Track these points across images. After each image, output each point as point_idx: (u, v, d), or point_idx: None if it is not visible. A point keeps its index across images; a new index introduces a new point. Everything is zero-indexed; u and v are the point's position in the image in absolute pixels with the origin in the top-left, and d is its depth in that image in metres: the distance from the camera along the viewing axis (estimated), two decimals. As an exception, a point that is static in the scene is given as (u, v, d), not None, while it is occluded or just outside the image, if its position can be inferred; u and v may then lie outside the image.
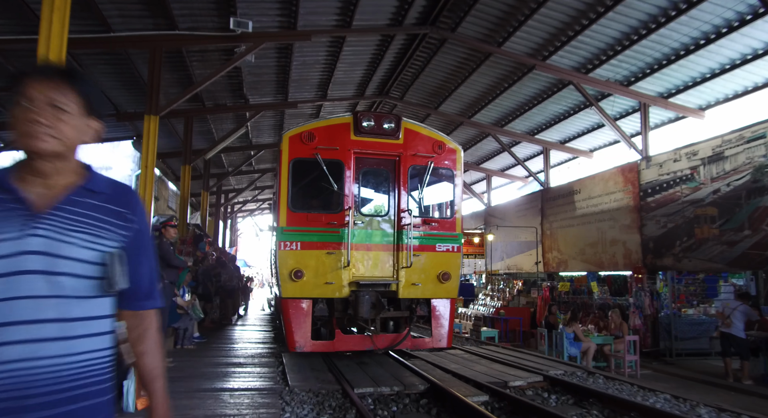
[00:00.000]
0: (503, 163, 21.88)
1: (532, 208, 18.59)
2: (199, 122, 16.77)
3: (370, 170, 8.09)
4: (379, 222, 8.00)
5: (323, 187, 7.73)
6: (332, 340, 7.75)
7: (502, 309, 16.39)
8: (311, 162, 7.59)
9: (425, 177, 7.99)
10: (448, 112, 17.40)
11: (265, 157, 23.25)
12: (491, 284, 17.67)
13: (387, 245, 7.91)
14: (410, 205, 7.98)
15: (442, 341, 8.17)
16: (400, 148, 7.89)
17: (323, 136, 7.65)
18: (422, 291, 7.85)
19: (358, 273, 7.67)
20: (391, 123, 7.86)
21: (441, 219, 8.42)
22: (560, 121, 16.49)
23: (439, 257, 7.97)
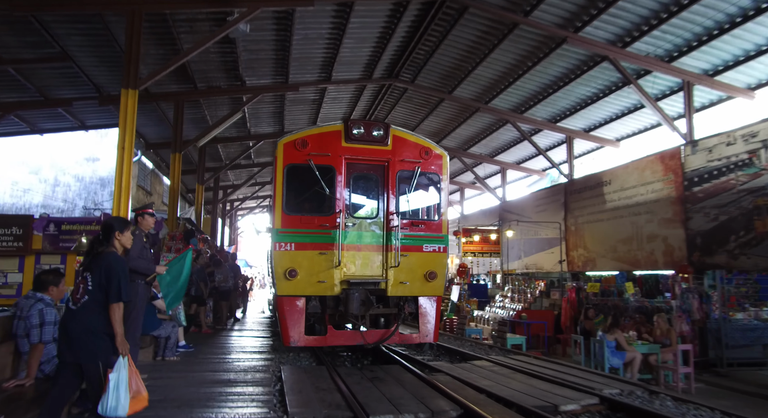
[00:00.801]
0: (519, 155, 20.42)
1: (554, 202, 17.13)
2: (191, 109, 15.37)
3: (360, 175, 8.53)
4: (369, 224, 8.41)
5: (316, 191, 8.15)
6: (325, 335, 8.15)
7: (524, 312, 14.93)
8: (304, 168, 8.06)
9: (412, 181, 8.44)
10: (463, 97, 15.95)
11: (264, 149, 21.82)
12: (510, 284, 16.22)
13: (376, 246, 8.32)
14: (398, 208, 8.39)
15: (429, 336, 8.56)
16: (389, 154, 8.31)
17: (316, 143, 8.12)
18: (410, 289, 8.27)
19: (349, 272, 8.10)
20: (380, 130, 8.29)
21: (428, 221, 8.76)
22: (586, 107, 15.03)
23: (426, 257, 8.38)
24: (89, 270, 3.94)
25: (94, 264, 3.93)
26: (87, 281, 3.87)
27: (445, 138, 19.93)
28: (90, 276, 3.88)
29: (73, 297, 3.90)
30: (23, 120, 14.47)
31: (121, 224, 4.23)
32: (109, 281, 3.82)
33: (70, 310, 3.90)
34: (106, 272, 3.84)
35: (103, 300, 3.81)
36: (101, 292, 3.82)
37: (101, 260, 3.93)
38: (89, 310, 3.80)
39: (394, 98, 17.37)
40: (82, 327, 3.78)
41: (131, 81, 8.92)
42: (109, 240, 4.04)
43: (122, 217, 4.96)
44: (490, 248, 19.06)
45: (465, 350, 10.72)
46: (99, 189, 17.59)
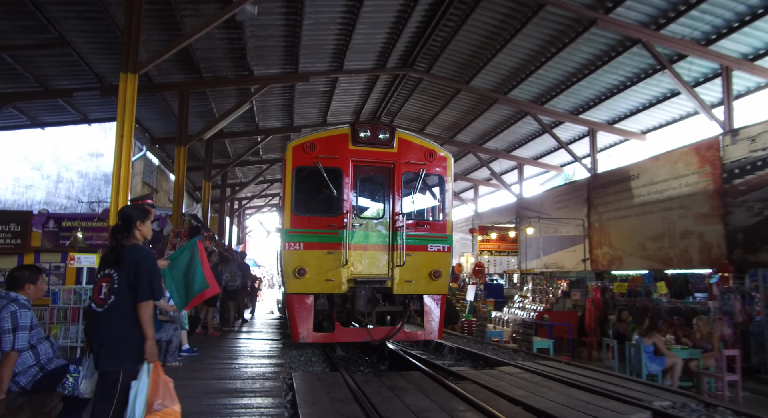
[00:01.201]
0: (537, 149, 19.61)
1: (576, 198, 16.33)
2: (197, 101, 14.75)
3: (366, 177, 8.79)
4: (375, 224, 8.62)
5: (324, 192, 8.41)
6: (332, 332, 8.30)
7: (546, 313, 14.15)
8: (313, 170, 8.27)
9: (417, 183, 8.67)
10: (480, 88, 15.20)
11: (272, 145, 21.20)
12: (532, 284, 15.45)
13: (382, 246, 8.52)
14: (404, 208, 8.59)
15: (433, 334, 8.79)
16: (395, 156, 8.51)
17: (323, 146, 8.32)
18: (415, 288, 8.47)
19: (355, 271, 8.29)
20: (386, 133, 8.50)
21: (432, 221, 8.95)
22: (612, 97, 14.23)
23: (431, 256, 8.58)
24: (113, 267, 3.54)
25: (118, 260, 3.55)
26: (113, 279, 3.48)
27: (461, 132, 19.19)
28: (116, 273, 3.50)
29: (96, 298, 3.52)
30: (23, 113, 13.92)
31: (140, 212, 3.80)
32: (138, 277, 3.46)
33: (94, 313, 3.50)
34: (134, 267, 3.47)
35: (133, 300, 3.45)
36: (131, 290, 3.46)
37: (126, 255, 3.54)
38: (119, 312, 3.43)
39: (407, 90, 16.66)
40: (113, 333, 3.41)
41: (130, 64, 8.28)
42: (130, 231, 3.68)
43: (140, 205, 4.42)
44: (507, 247, 18.28)
45: (488, 354, 9.99)
46: (103, 185, 17.04)
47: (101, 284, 3.52)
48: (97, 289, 3.54)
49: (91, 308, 3.56)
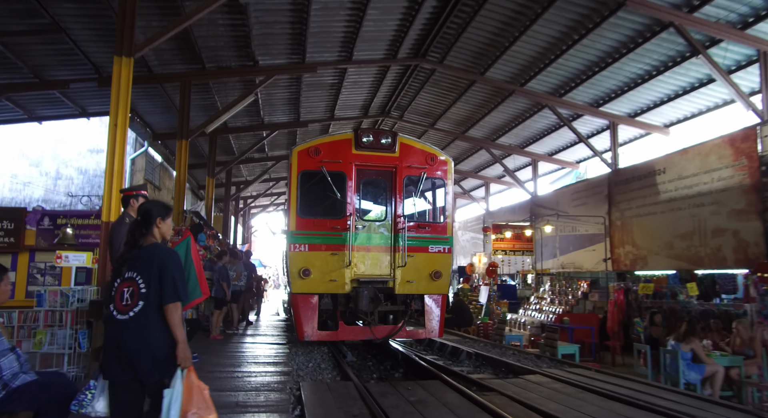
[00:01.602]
0: (553, 145, 18.87)
1: (595, 194, 15.58)
2: (200, 93, 14.14)
3: (369, 180, 9.06)
4: (378, 226, 8.90)
5: (328, 195, 8.64)
6: (336, 330, 8.62)
7: (566, 316, 13.44)
8: (317, 174, 8.55)
9: (419, 186, 8.96)
10: (496, 79, 14.49)
11: (278, 141, 20.58)
12: (551, 284, 14.73)
13: (385, 247, 8.79)
14: (405, 211, 8.91)
15: (434, 332, 9.02)
16: (396, 160, 8.84)
17: (328, 151, 8.62)
18: (416, 288, 8.75)
19: (359, 271, 8.59)
20: (388, 138, 8.85)
21: (433, 223, 9.29)
22: (635, 87, 13.48)
23: (432, 257, 8.86)
24: (134, 269, 3.25)
25: (139, 261, 3.26)
26: (136, 283, 3.20)
27: (473, 127, 18.48)
28: (139, 277, 3.22)
29: (118, 305, 3.20)
30: (18, 106, 13.34)
31: (162, 209, 3.50)
32: (163, 278, 3.20)
33: (118, 321, 3.18)
34: (158, 268, 3.21)
35: (159, 303, 3.19)
36: (157, 294, 3.19)
37: (147, 255, 3.27)
38: (147, 318, 3.16)
39: (419, 82, 15.98)
40: (142, 341, 3.13)
41: (125, 47, 7.65)
42: (149, 229, 3.37)
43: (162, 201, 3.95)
44: (522, 246, 17.56)
45: (510, 360, 9.29)
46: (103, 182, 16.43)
47: (122, 290, 3.21)
48: (118, 295, 3.22)
49: (112, 316, 3.20)
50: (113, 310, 3.22)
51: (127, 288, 3.20)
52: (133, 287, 3.19)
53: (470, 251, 25.54)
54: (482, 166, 23.15)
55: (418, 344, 12.27)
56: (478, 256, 20.06)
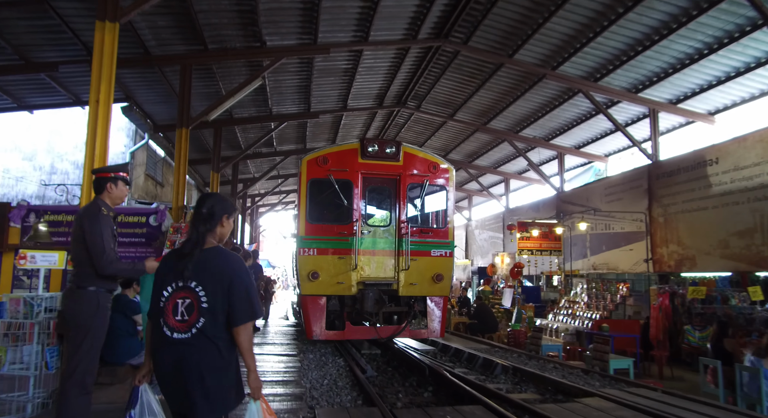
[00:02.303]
0: (581, 137, 17.56)
1: (633, 189, 14.27)
2: (203, 80, 13.02)
3: (374, 188, 9.52)
4: (383, 231, 9.32)
5: (335, 202, 9.08)
6: (343, 330, 9.07)
7: (605, 322, 12.16)
8: (325, 182, 9.01)
9: (422, 193, 9.52)
10: (525, 61, 13.23)
11: (288, 134, 19.44)
12: (586, 286, 13.44)
13: (389, 251, 9.21)
14: (408, 217, 9.35)
15: (436, 332, 9.48)
16: (400, 169, 9.30)
17: (335, 160, 9.09)
18: (419, 290, 9.15)
19: (364, 274, 8.99)
20: (393, 148, 9.30)
21: (435, 229, 9.61)
22: (681, 69, 12.18)
23: (434, 261, 9.26)
24: (194, 277, 2.67)
25: (200, 268, 2.68)
26: (197, 294, 2.65)
27: (496, 117, 17.21)
28: (200, 286, 2.66)
29: (171, 321, 2.63)
30: (6, 93, 12.29)
31: (228, 205, 2.91)
32: (234, 292, 2.65)
33: (172, 341, 2.61)
34: (228, 278, 2.67)
35: (225, 321, 2.66)
36: (224, 310, 2.65)
37: (212, 261, 2.71)
38: (211, 339, 2.61)
39: (440, 67, 14.74)
40: (207, 365, 2.58)
41: (108, 11, 6.54)
42: (213, 228, 2.79)
43: (224, 196, 3.23)
44: (550, 245, 16.28)
45: (555, 376, 8.05)
46: (101, 177, 15.40)
47: (176, 301, 2.66)
48: (171, 307, 2.66)
49: (164, 334, 2.63)
50: (163, 325, 2.63)
51: (182, 300, 2.64)
52: (192, 298, 2.64)
53: (488, 251, 24.28)
54: (502, 161, 21.87)
55: (443, 354, 11.06)
56: (500, 256, 18.79)
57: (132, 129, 15.63)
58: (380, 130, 20.80)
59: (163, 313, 2.65)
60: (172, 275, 2.68)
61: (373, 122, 19.63)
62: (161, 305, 2.67)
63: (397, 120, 19.50)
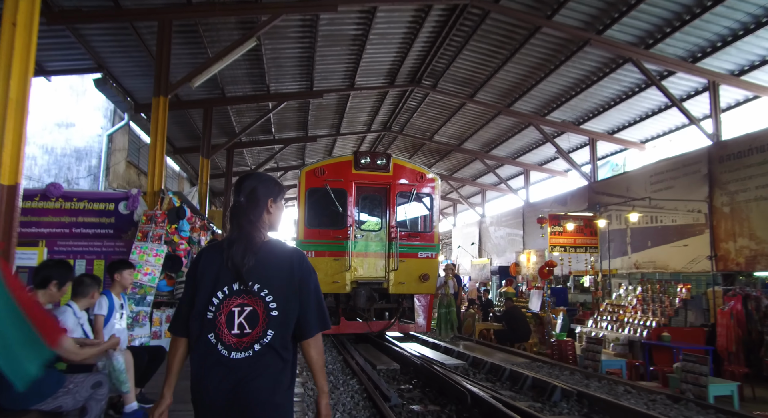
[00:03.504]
0: (616, 120, 15.60)
1: (688, 175, 12.33)
2: (187, 44, 11.13)
3: (367, 196, 10.81)
4: (374, 236, 10.55)
5: (331, 209, 10.28)
6: (338, 325, 10.16)
7: (664, 330, 10.20)
8: (322, 191, 10.23)
9: (410, 201, 10.82)
10: (566, 24, 11.28)
11: (288, 119, 17.52)
12: (640, 288, 11.46)
13: (380, 253, 10.39)
14: (398, 222, 10.58)
15: (422, 326, 10.84)
16: (390, 179, 10.59)
17: (331, 171, 10.33)
18: (407, 288, 10.36)
19: (357, 274, 10.17)
20: (383, 160, 10.58)
21: (422, 233, 10.81)
22: (744, 36, 10.32)
23: (420, 262, 10.45)
24: (254, 278, 2.04)
25: (260, 265, 2.07)
26: (263, 300, 2.04)
27: (521, 98, 15.25)
28: (266, 290, 2.04)
29: (225, 335, 1.99)
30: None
31: (272, 185, 2.27)
32: (305, 293, 2.12)
33: (233, 362, 1.98)
34: (299, 276, 2.12)
35: (289, 334, 2.08)
36: (295, 317, 2.08)
37: (272, 256, 2.13)
38: (279, 357, 2.03)
39: (463, 34, 12.75)
40: (274, 394, 1.99)
41: None
42: (259, 216, 2.18)
43: (265, 174, 2.42)
44: (585, 241, 14.33)
45: (639, 407, 6.11)
46: (74, 163, 13.47)
47: (230, 309, 2.02)
48: (224, 317, 2.01)
49: (218, 353, 1.98)
50: (216, 343, 1.99)
51: (239, 308, 2.02)
52: (255, 305, 2.03)
53: (506, 249, 22.33)
54: (523, 150, 19.90)
55: (476, 369, 9.11)
56: (526, 253, 16.82)
57: (110, 109, 13.69)
58: (390, 115, 18.85)
59: (213, 326, 2.01)
60: (223, 274, 2.05)
61: (383, 106, 17.67)
62: (210, 315, 2.02)
63: (409, 103, 17.56)
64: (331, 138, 20.41)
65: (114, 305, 5.19)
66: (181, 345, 2.14)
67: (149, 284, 7.97)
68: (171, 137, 17.30)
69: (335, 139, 20.85)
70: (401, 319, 10.84)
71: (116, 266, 5.38)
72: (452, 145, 20.85)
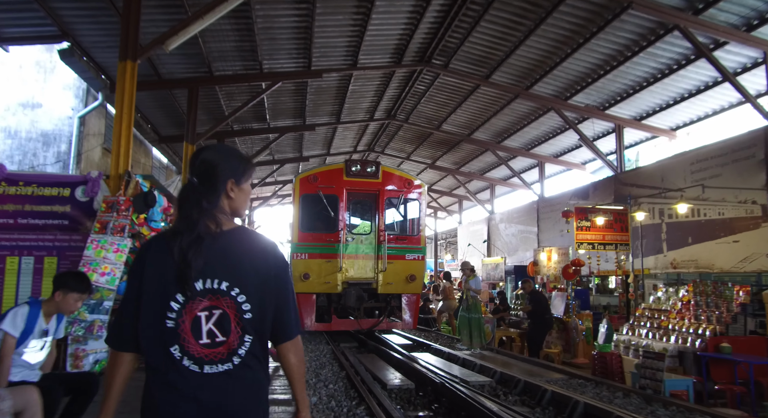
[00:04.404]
0: (645, 104, 14.10)
1: (738, 161, 10.83)
2: (161, 5, 9.56)
3: (357, 201, 11.77)
4: (364, 239, 11.31)
5: (324, 214, 11.03)
6: (330, 322, 11.01)
7: (723, 340, 8.69)
8: (315, 196, 11.05)
9: (398, 206, 11.75)
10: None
11: (283, 104, 15.99)
12: (693, 291, 9.93)
13: (370, 255, 11.13)
14: (386, 226, 11.49)
15: (409, 324, 11.45)
16: (379, 185, 11.38)
17: (323, 178, 11.13)
18: (394, 288, 11.07)
19: (348, 275, 10.93)
20: (373, 167, 11.41)
21: (409, 236, 11.62)
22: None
23: (408, 263, 11.20)
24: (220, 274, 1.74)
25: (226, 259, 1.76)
26: (234, 300, 1.73)
27: (542, 80, 13.72)
28: (237, 288, 1.73)
29: (192, 346, 1.68)
30: None
31: (235, 162, 1.90)
32: (282, 291, 1.82)
33: (206, 379, 1.68)
34: (274, 270, 1.81)
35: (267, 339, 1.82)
36: (271, 319, 1.79)
37: (241, 247, 1.80)
38: (253, 369, 1.76)
39: (478, 6, 11.24)
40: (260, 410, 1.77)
41: None
42: (217, 200, 1.83)
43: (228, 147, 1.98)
44: (615, 237, 12.80)
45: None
46: (40, 148, 11.91)
47: (196, 315, 1.70)
48: (189, 324, 1.70)
49: (185, 370, 1.68)
50: (182, 357, 1.68)
51: (206, 311, 1.70)
52: (225, 307, 1.71)
53: (517, 247, 20.83)
54: (537, 140, 18.40)
55: (505, 389, 7.58)
56: (546, 252, 15.29)
57: (83, 88, 12.15)
58: (395, 100, 17.32)
59: (176, 337, 1.67)
60: (178, 273, 1.68)
61: (388, 90, 16.11)
62: (170, 324, 1.68)
63: (416, 87, 16.03)
64: (330, 127, 18.85)
65: (34, 327, 3.69)
66: (125, 362, 1.79)
67: (107, 287, 6.46)
68: (156, 125, 15.81)
69: (335, 129, 19.30)
70: (389, 317, 11.53)
71: (65, 281, 3.89)
72: (461, 136, 19.32)
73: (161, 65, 12.07)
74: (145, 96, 13.27)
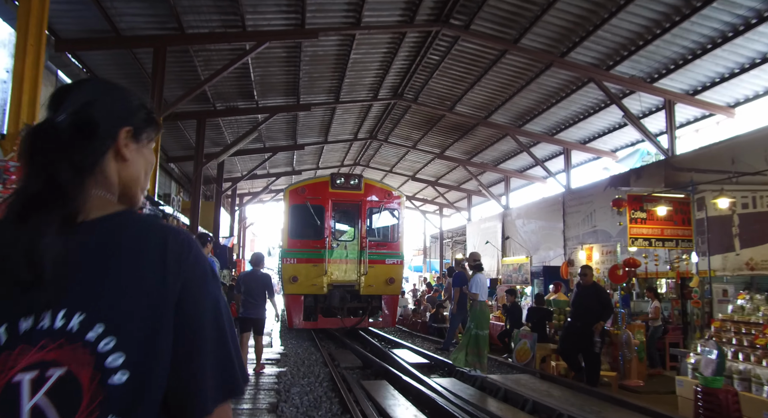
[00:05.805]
0: (701, 76, 11.82)
1: None
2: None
3: (341, 211, 13.23)
4: (348, 245, 12.58)
5: (311, 222, 12.37)
6: (316, 321, 12.24)
7: None
8: (303, 207, 12.36)
9: (379, 215, 13.21)
10: None
11: (273, 77, 13.64)
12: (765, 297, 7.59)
13: (353, 260, 12.38)
14: (368, 233, 12.69)
15: (389, 323, 12.88)
16: (362, 196, 12.74)
17: (311, 190, 12.54)
18: (375, 290, 12.32)
19: (333, 278, 12.13)
20: (356, 180, 12.82)
21: (389, 243, 13.10)
22: None
23: (387, 267, 12.49)
24: (66, 298, 0.86)
25: (83, 266, 0.89)
26: (92, 349, 0.83)
27: (579, 45, 11.40)
28: (97, 326, 0.85)
29: None
30: None
31: (130, 102, 1.08)
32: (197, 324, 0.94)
33: None
34: (181, 289, 0.93)
35: None
36: (159, 387, 0.88)
37: (117, 246, 0.93)
38: None
39: None
40: None
41: None
42: (94, 163, 0.99)
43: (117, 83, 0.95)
44: (675, 232, 10.48)
45: None
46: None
47: (12, 377, 0.80)
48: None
49: None
50: None
51: (33, 372, 0.82)
52: (72, 364, 0.82)
53: (539, 246, 18.51)
54: (564, 124, 16.10)
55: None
56: (586, 250, 12.94)
57: (13, 40, 9.75)
58: (404, 75, 14.96)
59: None
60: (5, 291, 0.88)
61: (396, 60, 13.72)
62: None
63: (429, 57, 13.67)
64: (328, 108, 16.46)
65: None
66: None
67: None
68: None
69: (333, 110, 16.92)
70: (371, 316, 12.66)
71: None
72: (477, 118, 16.99)
73: (119, 18, 9.73)
74: (101, 57, 10.92)
